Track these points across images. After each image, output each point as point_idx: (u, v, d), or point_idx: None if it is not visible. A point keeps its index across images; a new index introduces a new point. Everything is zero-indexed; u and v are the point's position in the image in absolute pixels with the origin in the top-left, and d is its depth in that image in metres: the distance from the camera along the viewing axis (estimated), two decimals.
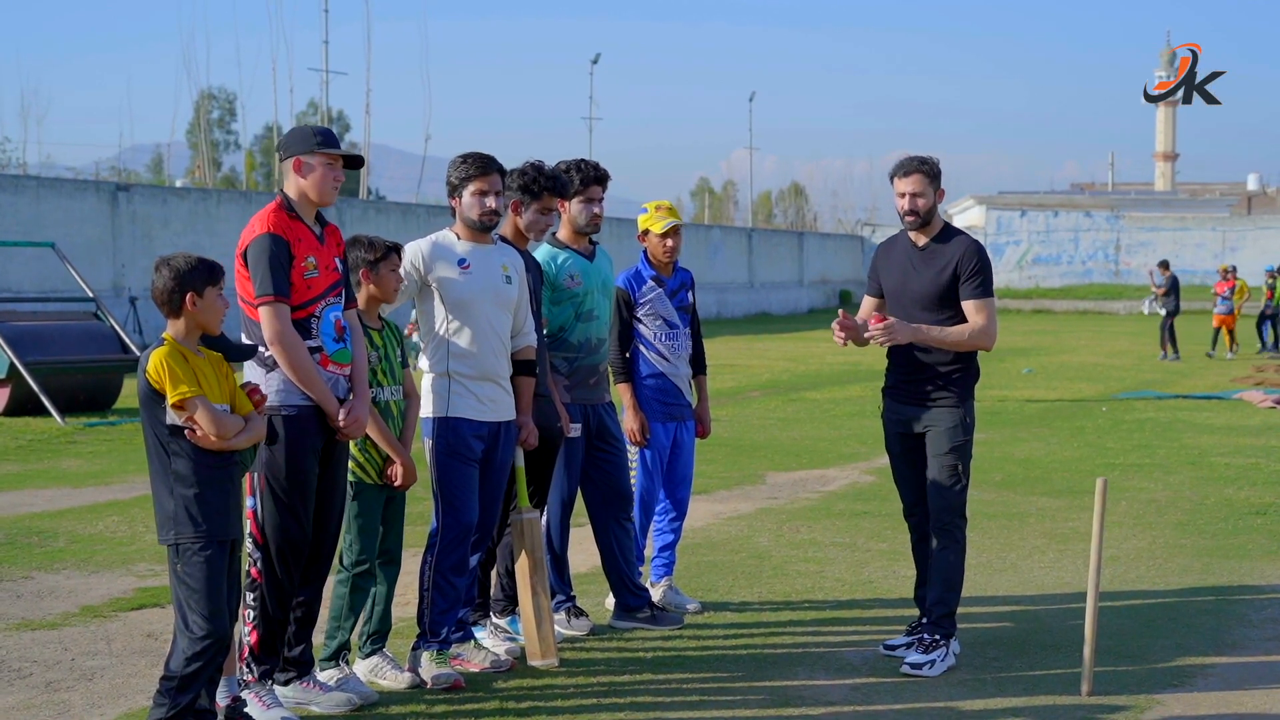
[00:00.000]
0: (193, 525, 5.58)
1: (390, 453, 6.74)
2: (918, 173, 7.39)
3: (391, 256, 6.83)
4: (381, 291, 6.84)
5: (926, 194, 7.38)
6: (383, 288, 6.83)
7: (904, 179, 7.41)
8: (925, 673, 7.08)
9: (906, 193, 7.40)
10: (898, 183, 7.45)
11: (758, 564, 9.70)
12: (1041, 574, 9.44)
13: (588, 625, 7.90)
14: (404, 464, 6.76)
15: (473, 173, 7.01)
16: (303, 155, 6.31)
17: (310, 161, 6.30)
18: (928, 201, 7.38)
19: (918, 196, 7.37)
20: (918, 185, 7.37)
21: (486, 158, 7.09)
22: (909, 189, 7.39)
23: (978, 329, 7.28)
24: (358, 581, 6.77)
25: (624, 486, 8.09)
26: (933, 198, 7.40)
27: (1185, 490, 12.98)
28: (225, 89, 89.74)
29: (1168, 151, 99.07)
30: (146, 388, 5.58)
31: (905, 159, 7.47)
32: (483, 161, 7.05)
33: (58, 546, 10.21)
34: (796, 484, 13.48)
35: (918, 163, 7.42)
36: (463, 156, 7.11)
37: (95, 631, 7.87)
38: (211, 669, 5.63)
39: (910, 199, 7.38)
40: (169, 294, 5.63)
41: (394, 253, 6.85)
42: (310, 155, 6.31)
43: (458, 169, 7.07)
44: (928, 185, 7.38)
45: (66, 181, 36.02)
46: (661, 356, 8.35)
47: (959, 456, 7.33)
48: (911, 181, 7.39)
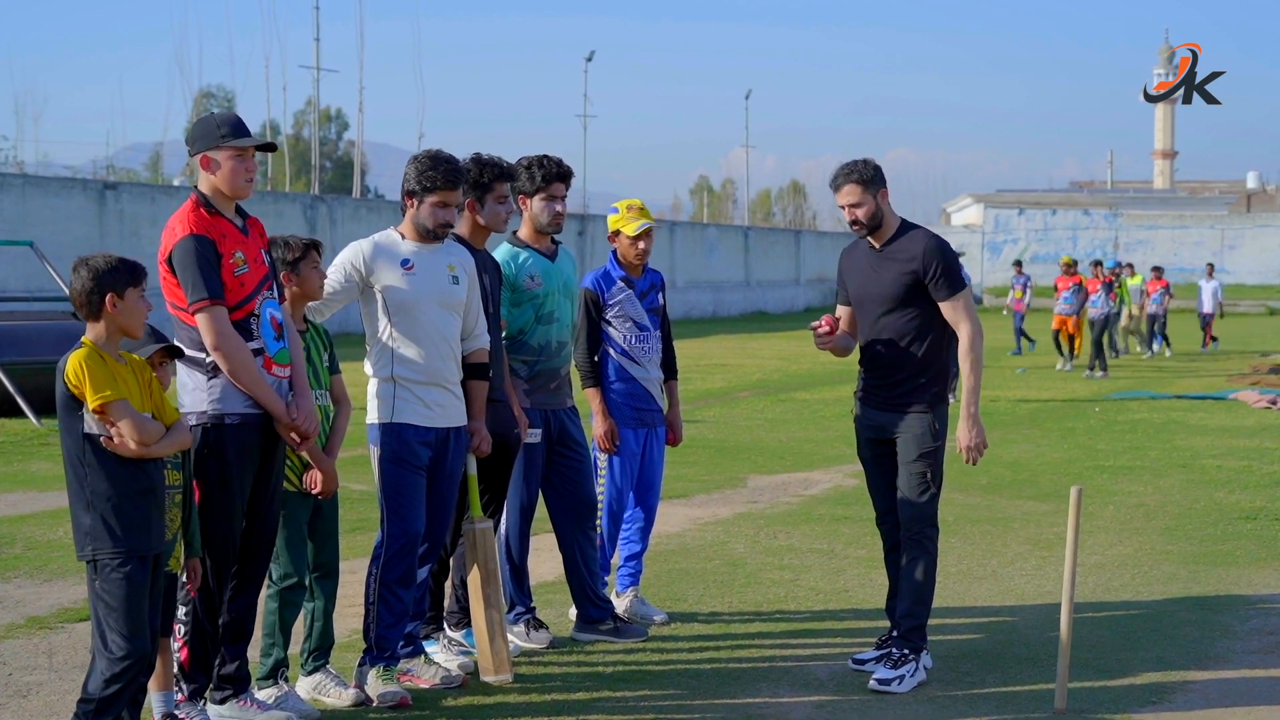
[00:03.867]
0: (111, 539, 5.30)
1: (311, 458, 6.44)
2: (849, 183, 7.11)
3: (311, 254, 6.55)
4: (305, 290, 6.55)
5: (865, 202, 7.10)
6: (306, 287, 6.55)
7: (839, 192, 7.16)
8: (893, 689, 6.80)
9: (845, 205, 7.15)
10: (836, 196, 7.20)
11: (731, 572, 9.43)
12: (1022, 582, 9.17)
13: (547, 638, 7.62)
14: (324, 470, 6.46)
15: (439, 184, 6.70)
16: (208, 151, 5.99)
17: (217, 157, 5.97)
18: (869, 208, 7.10)
19: (856, 207, 7.11)
20: (853, 196, 7.11)
21: (454, 169, 6.76)
22: (845, 201, 7.14)
23: (968, 338, 7.05)
24: (287, 596, 6.49)
25: (588, 494, 7.81)
26: (874, 202, 7.11)
27: (1175, 494, 12.71)
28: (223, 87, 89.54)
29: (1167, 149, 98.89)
30: (65, 393, 5.31)
31: (837, 170, 7.20)
32: (451, 174, 6.73)
33: (14, 553, 9.93)
34: (778, 487, 13.21)
35: (848, 172, 7.14)
36: (430, 159, 6.76)
37: (38, 644, 7.59)
38: (132, 690, 5.35)
39: (849, 210, 7.14)
40: (87, 295, 5.35)
41: (313, 249, 6.57)
42: (216, 150, 5.98)
43: (424, 175, 6.72)
44: (864, 193, 7.10)
45: (53, 180, 35.70)
46: (632, 360, 8.06)
47: (928, 464, 7.06)
48: (846, 194, 7.13)
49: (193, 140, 6.05)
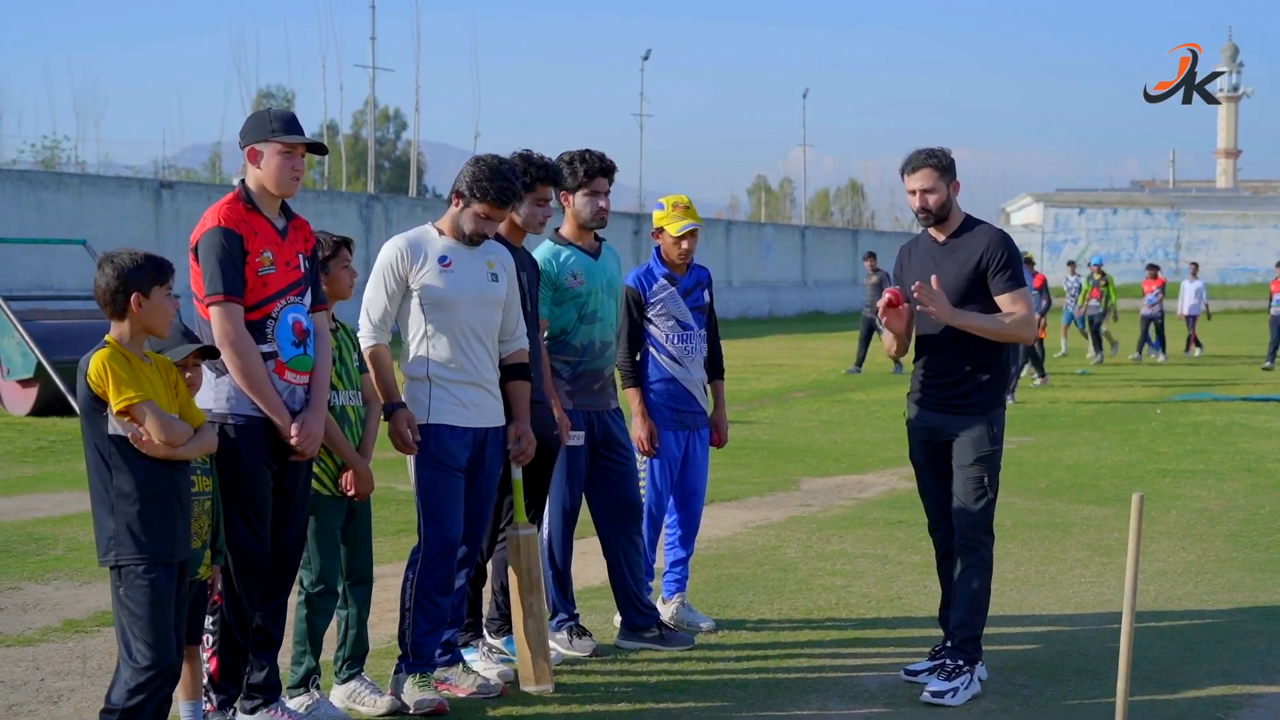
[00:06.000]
0: (135, 545, 5.12)
1: (344, 459, 6.26)
2: (925, 167, 6.87)
3: (341, 252, 6.38)
4: (335, 289, 6.36)
5: (938, 189, 6.86)
6: (336, 286, 6.36)
7: (912, 175, 6.90)
8: (947, 701, 6.56)
9: (917, 189, 6.89)
10: (907, 180, 6.94)
11: (781, 577, 9.20)
12: (1082, 590, 8.89)
13: (591, 645, 7.42)
14: (358, 471, 6.27)
15: (489, 198, 6.49)
16: (257, 144, 5.84)
17: (265, 151, 5.81)
18: (940, 196, 6.87)
19: (929, 193, 6.86)
20: (928, 180, 6.86)
21: (509, 190, 6.53)
22: (918, 185, 6.88)
23: (1019, 318, 6.77)
24: (318, 603, 6.29)
25: (632, 498, 7.60)
26: (946, 192, 6.88)
27: (1239, 499, 12.37)
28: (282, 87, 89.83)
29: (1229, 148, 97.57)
30: (87, 394, 5.13)
31: (913, 153, 6.95)
32: (503, 193, 6.51)
33: (54, 555, 9.83)
34: (832, 490, 12.97)
35: (925, 156, 6.90)
36: (490, 170, 6.53)
37: (73, 649, 7.47)
38: (157, 701, 5.16)
39: (921, 196, 6.87)
40: (112, 294, 5.18)
41: (344, 247, 6.40)
42: (264, 144, 5.82)
43: (477, 183, 6.50)
44: (939, 179, 6.86)
45: (109, 179, 35.78)
46: (673, 360, 7.85)
47: (986, 468, 6.82)
48: (920, 177, 6.88)
49: (244, 133, 5.88)
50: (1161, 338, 30.82)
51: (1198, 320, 33.40)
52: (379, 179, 62.44)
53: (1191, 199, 74.06)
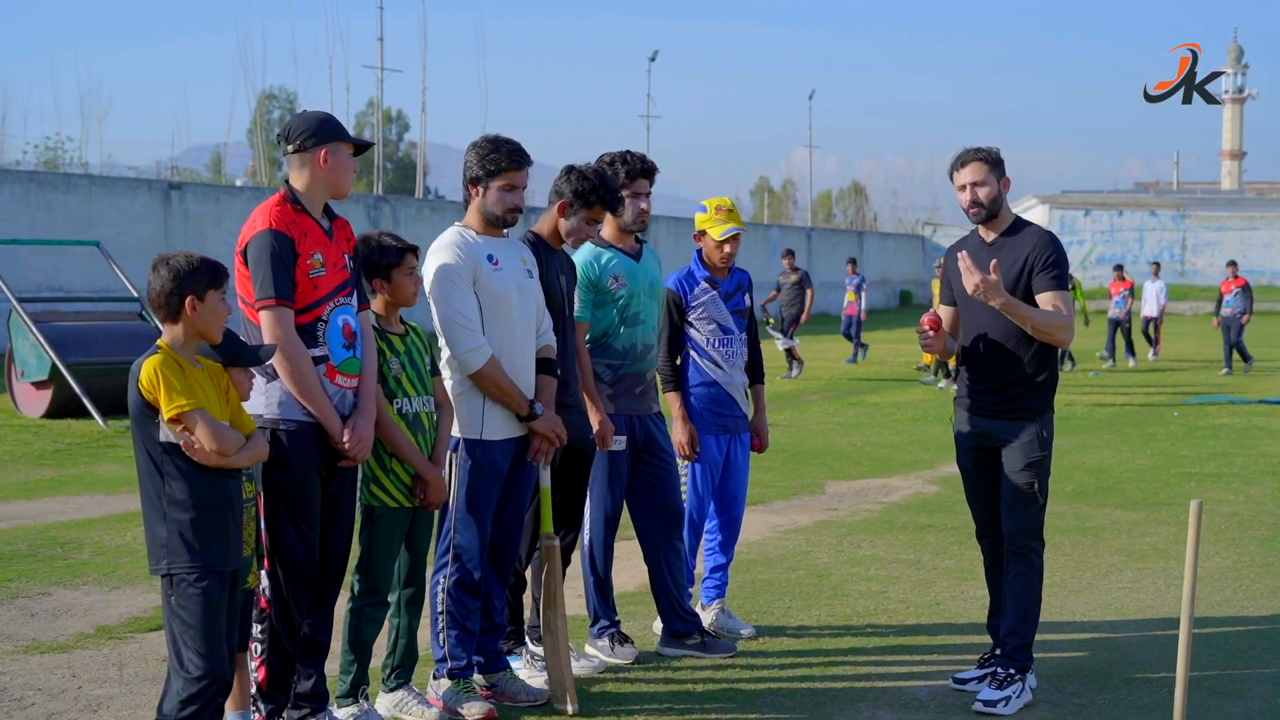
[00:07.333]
0: (188, 553, 5.03)
1: (418, 469, 6.12)
2: (975, 161, 6.77)
3: (407, 259, 6.27)
4: (398, 298, 6.26)
5: (989, 182, 6.76)
6: (399, 295, 6.25)
7: (962, 170, 6.80)
8: (999, 710, 6.47)
9: (967, 183, 6.78)
10: (957, 175, 6.84)
11: (816, 583, 9.11)
12: (1120, 596, 8.80)
13: (633, 653, 7.33)
14: (430, 480, 6.14)
15: (504, 165, 6.41)
16: (326, 145, 5.75)
17: (335, 151, 5.75)
18: (991, 190, 6.76)
19: (979, 186, 6.76)
20: (978, 174, 6.76)
21: (518, 147, 6.48)
22: (969, 179, 6.78)
23: (1062, 317, 6.66)
24: (369, 612, 6.16)
25: (675, 503, 7.51)
26: (996, 187, 6.77)
27: (1268, 502, 12.28)
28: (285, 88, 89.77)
29: (1234, 150, 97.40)
30: (139, 400, 5.04)
31: (963, 150, 6.85)
32: (514, 153, 6.43)
33: (81, 559, 9.74)
34: (857, 494, 12.88)
35: (974, 151, 6.80)
36: (490, 141, 6.47)
37: (108, 655, 7.37)
38: (210, 711, 5.07)
39: (971, 190, 6.76)
40: (167, 297, 5.09)
41: (409, 254, 6.29)
42: (335, 145, 5.76)
43: (486, 159, 6.42)
44: (989, 173, 6.76)
45: (118, 180, 35.62)
46: (714, 364, 7.77)
47: (1036, 473, 6.73)
48: (970, 171, 6.77)
49: (301, 134, 5.75)
50: (1130, 342, 30.38)
51: (1160, 323, 32.84)
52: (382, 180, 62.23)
53: (1197, 201, 73.88)
